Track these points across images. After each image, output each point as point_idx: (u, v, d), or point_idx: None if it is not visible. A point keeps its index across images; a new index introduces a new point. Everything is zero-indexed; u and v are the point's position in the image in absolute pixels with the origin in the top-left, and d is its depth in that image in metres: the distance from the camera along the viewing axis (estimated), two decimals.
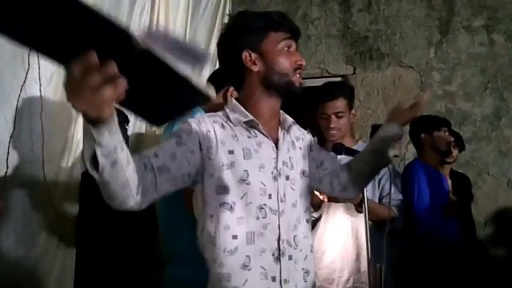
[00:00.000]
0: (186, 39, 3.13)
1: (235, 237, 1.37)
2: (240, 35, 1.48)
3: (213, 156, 1.37)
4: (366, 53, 4.21)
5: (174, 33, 3.02)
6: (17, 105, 1.84)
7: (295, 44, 1.51)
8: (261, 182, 1.41)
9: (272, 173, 1.45)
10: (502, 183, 3.94)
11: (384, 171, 2.18)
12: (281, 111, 1.56)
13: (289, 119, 1.57)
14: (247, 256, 1.37)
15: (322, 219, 2.31)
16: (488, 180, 3.95)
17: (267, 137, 1.47)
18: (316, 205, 2.21)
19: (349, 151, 1.91)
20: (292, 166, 1.51)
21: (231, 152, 1.39)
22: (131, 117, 2.70)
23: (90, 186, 2.19)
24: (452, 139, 2.96)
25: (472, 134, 3.97)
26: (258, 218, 1.38)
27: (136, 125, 2.73)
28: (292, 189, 1.49)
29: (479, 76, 4.03)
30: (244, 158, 1.40)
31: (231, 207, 1.36)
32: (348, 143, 2.25)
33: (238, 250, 1.37)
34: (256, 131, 1.47)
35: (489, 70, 4.02)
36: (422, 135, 3.03)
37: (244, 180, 1.38)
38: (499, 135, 3.97)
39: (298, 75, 1.48)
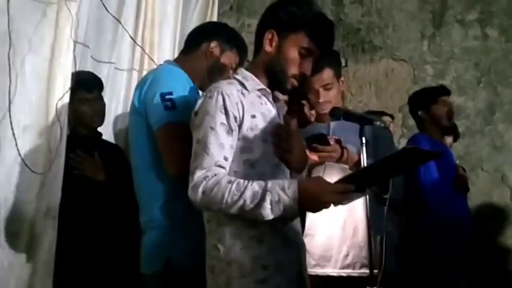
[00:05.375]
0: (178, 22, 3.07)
1: None
2: (280, 13, 1.58)
3: (242, 122, 1.52)
4: (358, 46, 4.14)
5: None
6: None
7: (317, 56, 1.58)
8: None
9: None
10: (496, 178, 3.85)
11: (383, 138, 2.08)
12: None
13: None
14: None
15: None
16: (482, 176, 3.86)
17: (273, 106, 1.62)
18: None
19: (348, 115, 1.79)
20: None
21: (253, 117, 1.53)
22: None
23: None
24: (451, 106, 2.86)
25: (466, 129, 3.89)
26: (274, 174, 1.53)
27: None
28: None
29: (473, 70, 3.97)
30: (264, 122, 1.54)
31: (252, 164, 1.51)
32: None
33: None
34: (265, 99, 1.60)
35: (483, 64, 3.96)
36: (420, 112, 2.93)
37: (264, 140, 1.53)
38: (493, 130, 3.90)
39: (294, 80, 1.58)
